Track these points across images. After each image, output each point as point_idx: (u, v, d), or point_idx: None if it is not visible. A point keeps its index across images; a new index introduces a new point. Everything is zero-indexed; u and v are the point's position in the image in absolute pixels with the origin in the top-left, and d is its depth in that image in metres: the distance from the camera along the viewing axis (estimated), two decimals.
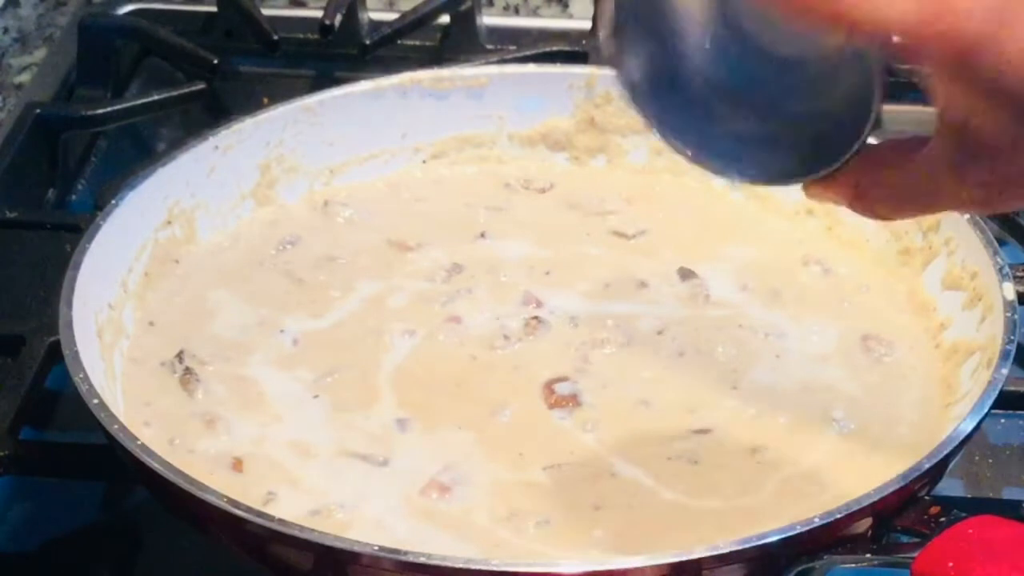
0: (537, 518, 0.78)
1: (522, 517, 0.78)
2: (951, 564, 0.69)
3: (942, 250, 0.91)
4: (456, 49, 1.23)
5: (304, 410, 0.85)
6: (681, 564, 0.69)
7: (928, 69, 0.63)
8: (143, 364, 0.87)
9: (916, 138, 0.68)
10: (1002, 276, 0.85)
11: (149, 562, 0.85)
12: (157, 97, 1.17)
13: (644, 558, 0.70)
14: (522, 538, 0.77)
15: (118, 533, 0.87)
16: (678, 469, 0.81)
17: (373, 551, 0.69)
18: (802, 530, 0.70)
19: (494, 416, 0.84)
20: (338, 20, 1.21)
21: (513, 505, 0.79)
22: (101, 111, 1.15)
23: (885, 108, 0.67)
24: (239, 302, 0.92)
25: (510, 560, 0.73)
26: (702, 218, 0.99)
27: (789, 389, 0.86)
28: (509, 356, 0.88)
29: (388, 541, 0.70)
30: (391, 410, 0.84)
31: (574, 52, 1.18)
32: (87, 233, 0.87)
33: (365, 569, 0.70)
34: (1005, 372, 0.79)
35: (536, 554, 0.76)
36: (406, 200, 1.01)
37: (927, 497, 0.75)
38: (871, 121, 0.68)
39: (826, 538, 0.72)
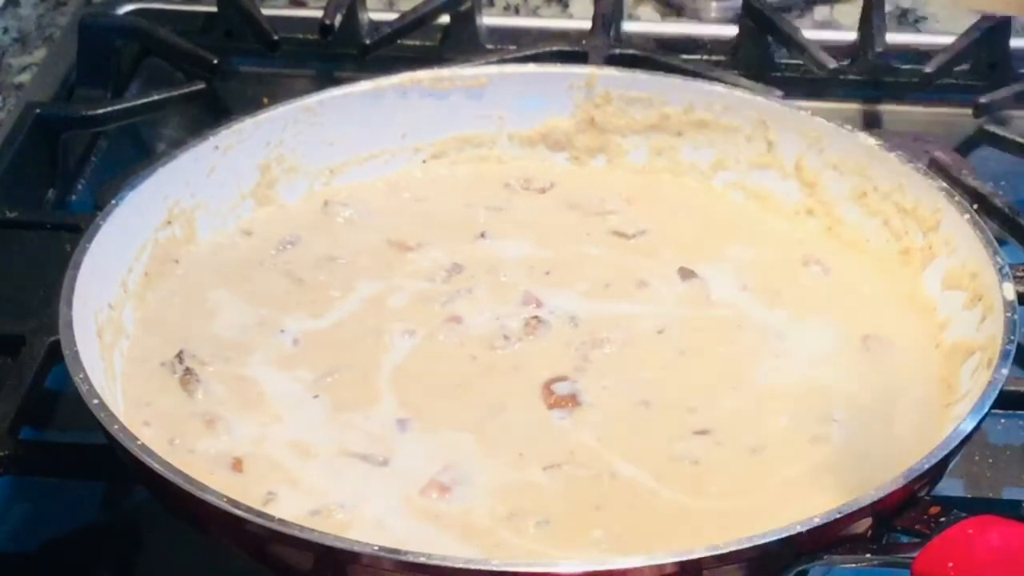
0: (537, 518, 0.78)
1: (522, 517, 0.78)
2: (951, 564, 0.69)
3: (942, 250, 0.90)
4: (456, 49, 1.23)
5: (304, 410, 0.85)
6: (681, 564, 0.69)
7: None
8: (143, 364, 0.87)
9: None
10: (1002, 276, 0.85)
11: (149, 562, 0.85)
12: (157, 97, 1.17)
13: (644, 558, 0.70)
14: (522, 538, 0.77)
15: (118, 533, 0.87)
16: (678, 469, 0.81)
17: (373, 551, 0.69)
18: (802, 530, 0.70)
19: (494, 416, 0.84)
20: (338, 20, 1.21)
21: (513, 505, 0.79)
22: (101, 111, 1.15)
23: None
24: (239, 302, 0.92)
25: (510, 560, 0.74)
26: (702, 218, 0.99)
27: (789, 389, 0.86)
28: (509, 356, 0.88)
29: (388, 541, 0.70)
30: (391, 410, 0.84)
31: (574, 52, 1.19)
32: (87, 233, 0.87)
33: (365, 569, 0.70)
34: (1005, 372, 0.79)
35: (536, 554, 0.76)
36: (406, 200, 1.01)
37: (927, 497, 0.75)
38: None
39: (826, 538, 0.72)
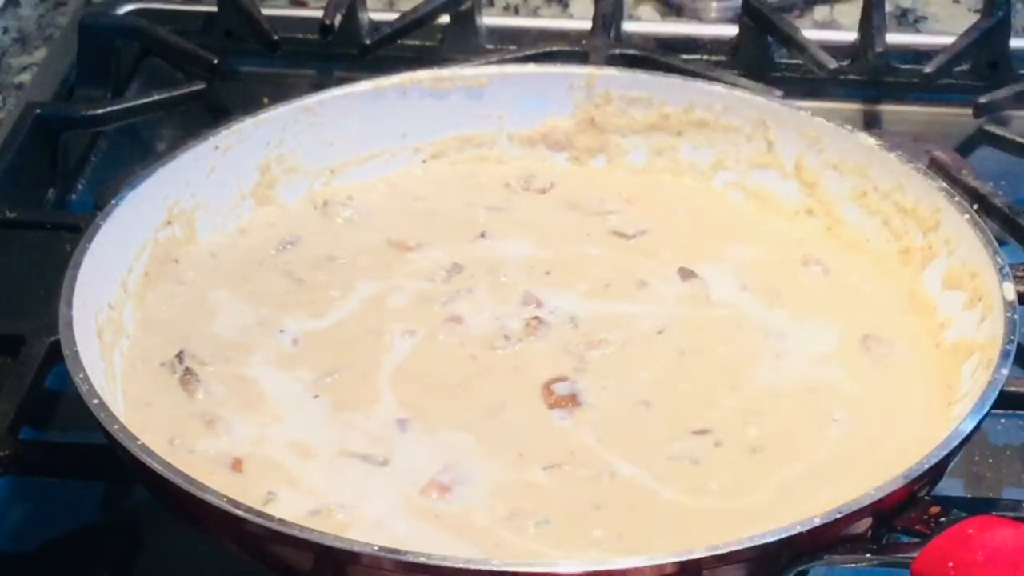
0: (537, 518, 0.78)
1: (522, 517, 0.78)
2: (951, 564, 0.69)
3: (942, 250, 0.90)
4: (456, 49, 1.23)
5: (304, 410, 0.85)
6: (681, 564, 0.69)
7: None
8: (143, 364, 0.87)
9: None
10: (1002, 276, 0.85)
11: (149, 562, 0.85)
12: (157, 97, 1.17)
13: (644, 558, 0.70)
14: (522, 538, 0.77)
15: (118, 533, 0.87)
16: (678, 469, 0.81)
17: (373, 551, 0.69)
18: (802, 530, 0.70)
19: (494, 416, 0.84)
20: (338, 20, 1.21)
21: (513, 505, 0.79)
22: (101, 111, 1.15)
23: None
24: (239, 302, 0.92)
25: (510, 560, 0.73)
26: (702, 218, 0.99)
27: (789, 389, 0.86)
28: (509, 356, 0.88)
29: (388, 541, 0.70)
30: (391, 410, 0.84)
31: (574, 52, 1.18)
32: (87, 233, 0.87)
33: (365, 569, 0.70)
34: (1005, 372, 0.79)
35: (536, 554, 0.76)
36: (406, 200, 1.01)
37: (927, 497, 0.75)
38: None
39: (826, 538, 0.72)
